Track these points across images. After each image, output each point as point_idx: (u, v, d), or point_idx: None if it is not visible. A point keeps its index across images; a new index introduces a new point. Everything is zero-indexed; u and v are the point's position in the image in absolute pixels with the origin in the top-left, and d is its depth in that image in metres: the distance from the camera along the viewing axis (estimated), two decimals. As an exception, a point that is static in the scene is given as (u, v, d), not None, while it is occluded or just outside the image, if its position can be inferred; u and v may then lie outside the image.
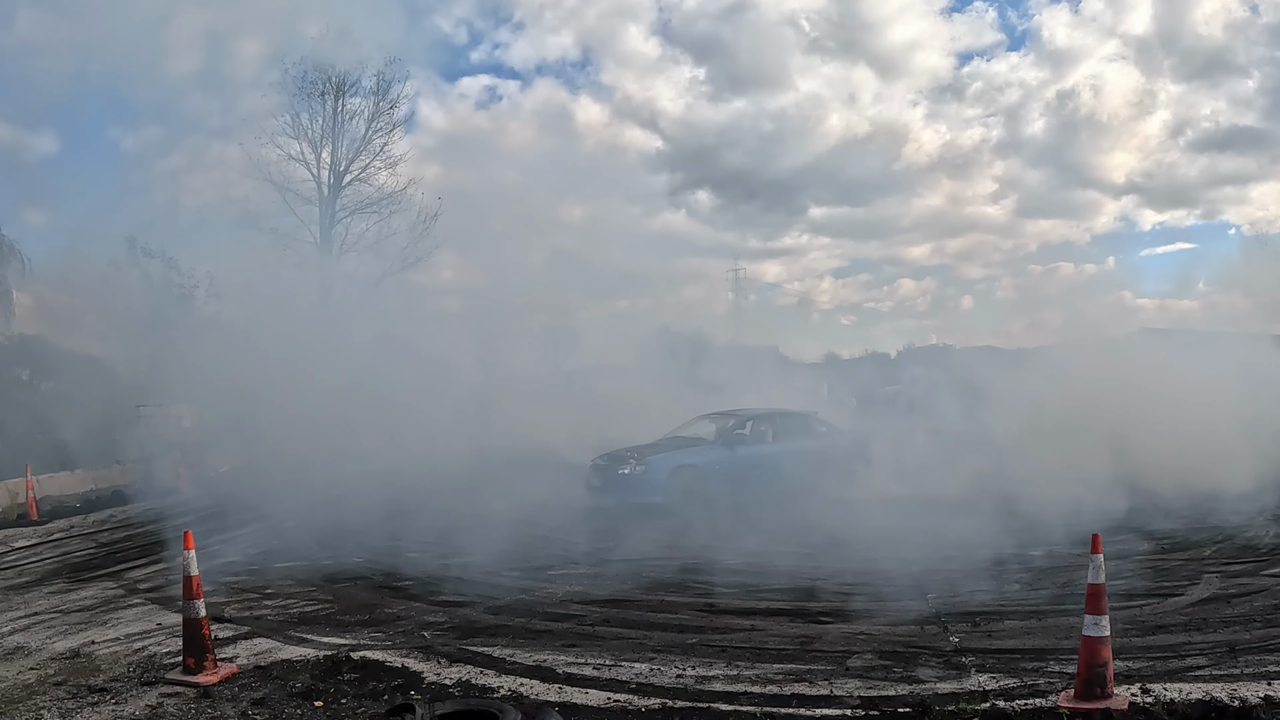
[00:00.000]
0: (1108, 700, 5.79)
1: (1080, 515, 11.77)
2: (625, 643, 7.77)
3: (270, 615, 9.04)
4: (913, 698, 6.24)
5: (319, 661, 7.27)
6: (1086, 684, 5.86)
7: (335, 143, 35.74)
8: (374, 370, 27.82)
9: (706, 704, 6.22)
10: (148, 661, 7.44)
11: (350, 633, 8.27)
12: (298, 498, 17.33)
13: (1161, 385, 17.31)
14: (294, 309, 33.38)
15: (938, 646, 7.46)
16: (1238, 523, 12.59)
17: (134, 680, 6.96)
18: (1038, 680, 6.49)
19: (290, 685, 6.73)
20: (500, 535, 12.58)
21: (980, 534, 11.26)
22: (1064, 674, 6.50)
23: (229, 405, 24.92)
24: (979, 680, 6.56)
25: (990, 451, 16.32)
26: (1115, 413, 16.54)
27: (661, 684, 6.67)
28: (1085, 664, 5.89)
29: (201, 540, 12.86)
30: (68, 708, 6.40)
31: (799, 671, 6.90)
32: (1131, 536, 11.71)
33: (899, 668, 6.93)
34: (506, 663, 7.24)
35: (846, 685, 6.56)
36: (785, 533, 12.83)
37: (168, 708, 6.33)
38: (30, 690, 6.81)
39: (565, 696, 6.42)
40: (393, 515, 15.31)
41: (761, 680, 6.71)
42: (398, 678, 6.85)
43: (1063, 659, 6.85)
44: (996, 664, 6.94)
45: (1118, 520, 12.40)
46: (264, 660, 7.40)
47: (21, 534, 14.77)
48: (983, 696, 6.18)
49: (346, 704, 6.32)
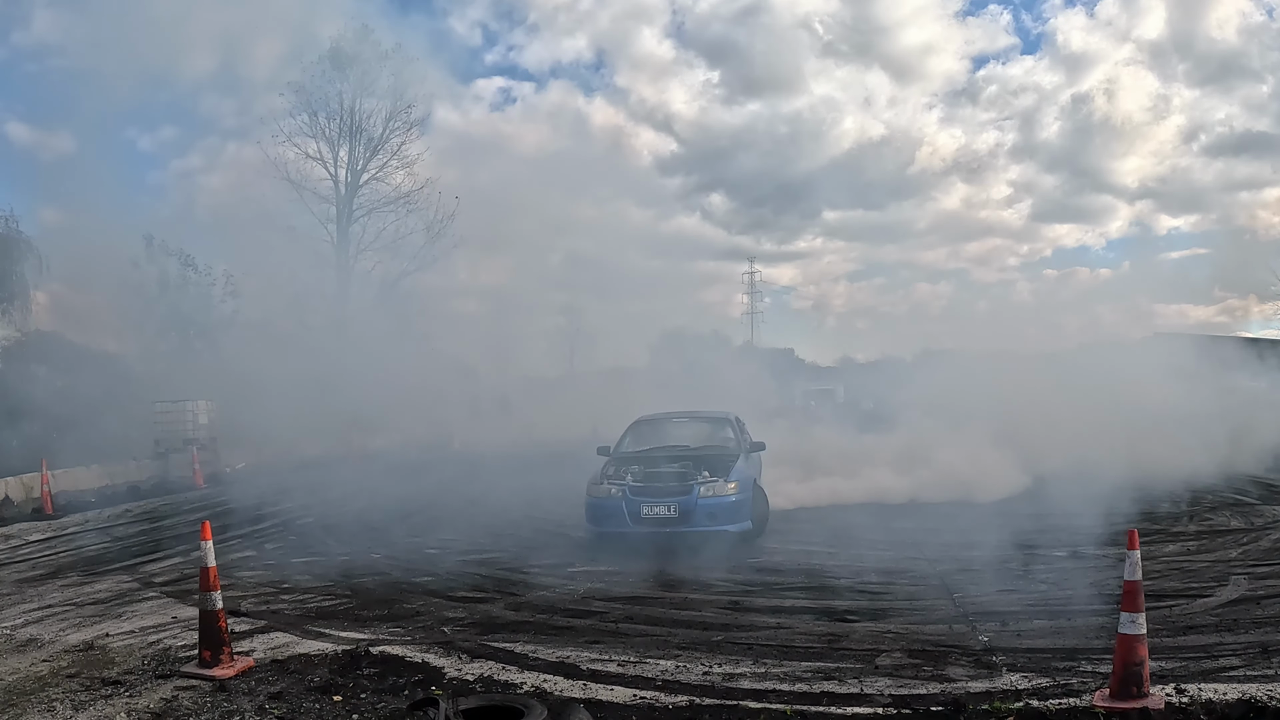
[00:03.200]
0: (1144, 700, 5.63)
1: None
2: (649, 639, 7.63)
3: (287, 609, 8.94)
4: (945, 696, 6.08)
5: (337, 656, 7.15)
6: (1122, 683, 5.70)
7: (352, 142, 35.83)
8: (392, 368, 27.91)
9: (735, 701, 6.08)
10: (162, 654, 7.34)
11: (369, 628, 8.15)
12: (315, 493, 17.33)
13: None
14: (311, 307, 33.49)
15: (967, 645, 7.31)
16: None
17: (148, 673, 6.85)
18: (1070, 679, 6.34)
19: (308, 679, 6.62)
20: (520, 531, 12.49)
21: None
22: (1097, 673, 6.36)
23: (246, 401, 24.99)
24: (1011, 679, 6.42)
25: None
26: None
27: (688, 681, 6.53)
28: (1121, 662, 5.73)
29: (218, 535, 12.85)
30: (81, 700, 6.29)
31: (828, 669, 6.75)
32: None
33: (929, 666, 6.79)
34: (529, 659, 7.11)
35: (877, 684, 6.42)
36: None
37: (183, 701, 6.21)
38: (43, 682, 6.71)
39: (590, 693, 6.29)
40: (412, 511, 15.27)
41: (790, 678, 6.56)
42: (418, 673, 6.73)
43: (1095, 658, 6.73)
44: (1028, 663, 6.80)
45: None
46: (281, 654, 7.28)
47: (36, 528, 14.73)
48: (1016, 696, 6.03)
49: (366, 699, 6.20)
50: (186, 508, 16.91)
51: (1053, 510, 13.72)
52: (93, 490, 19.70)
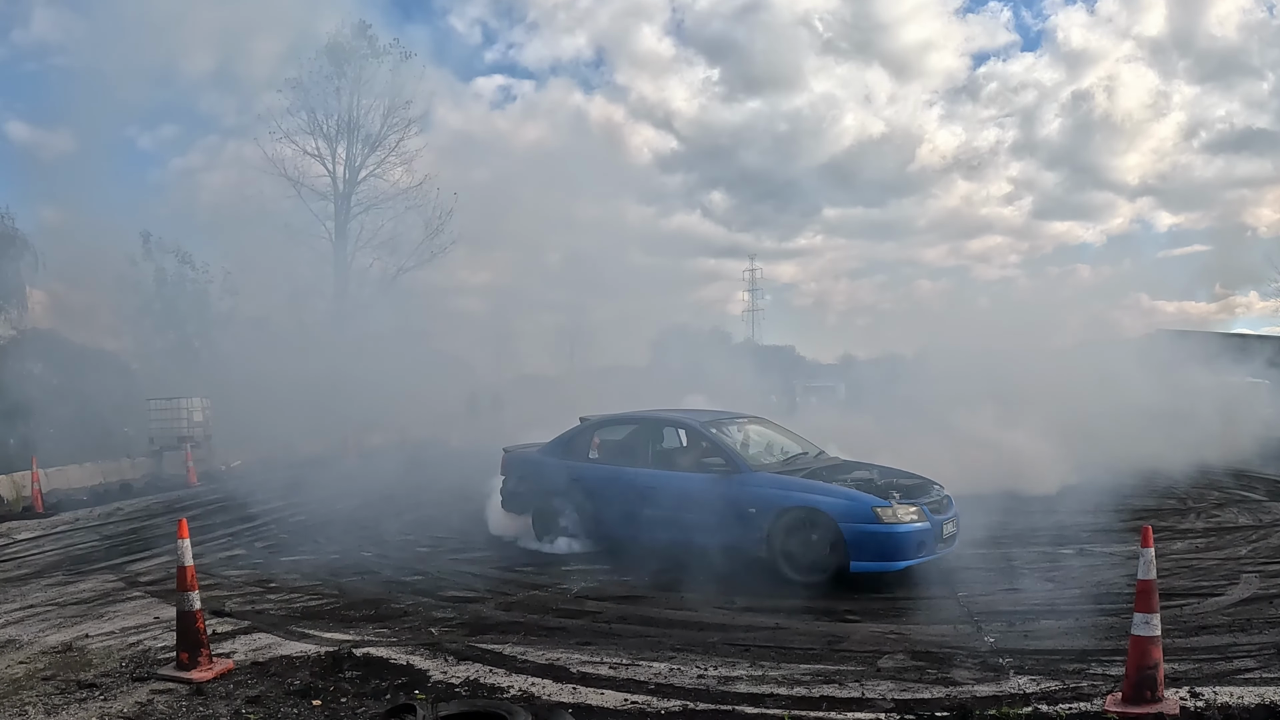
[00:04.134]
0: (1158, 705, 5.42)
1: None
2: (643, 640, 7.42)
3: (273, 610, 8.71)
4: (950, 701, 5.86)
5: (320, 658, 6.94)
6: (1136, 687, 5.48)
7: (350, 139, 35.64)
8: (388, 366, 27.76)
9: (731, 706, 5.85)
10: (141, 656, 7.12)
11: (355, 628, 7.93)
12: (307, 492, 17.13)
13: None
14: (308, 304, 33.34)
15: (972, 647, 7.08)
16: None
17: (125, 676, 6.63)
18: (1080, 683, 6.12)
19: (288, 683, 6.40)
20: (511, 530, 12.26)
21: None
22: (1107, 676, 6.15)
23: (242, 399, 24.83)
24: (1019, 682, 6.19)
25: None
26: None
27: (682, 684, 6.31)
28: (1135, 665, 5.51)
29: (208, 533, 12.80)
30: (54, 704, 6.08)
31: (827, 672, 6.52)
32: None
33: (933, 669, 6.56)
34: (517, 661, 6.89)
35: (879, 687, 6.19)
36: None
37: (158, 705, 6.00)
38: (17, 685, 6.50)
39: (579, 697, 6.06)
40: (403, 510, 15.08)
41: (788, 681, 6.33)
42: (401, 676, 6.52)
43: (1105, 660, 6.52)
44: (1036, 665, 6.57)
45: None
46: (263, 656, 7.07)
47: (25, 526, 14.52)
48: (1024, 700, 5.80)
49: (346, 703, 5.98)
50: (179, 506, 16.68)
51: (1056, 507, 13.55)
52: (85, 488, 19.46)
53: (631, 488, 10.82)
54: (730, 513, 9.88)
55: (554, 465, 11.70)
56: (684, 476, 10.58)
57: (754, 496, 9.85)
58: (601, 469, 11.43)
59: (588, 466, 11.53)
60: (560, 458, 11.78)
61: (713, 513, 9.95)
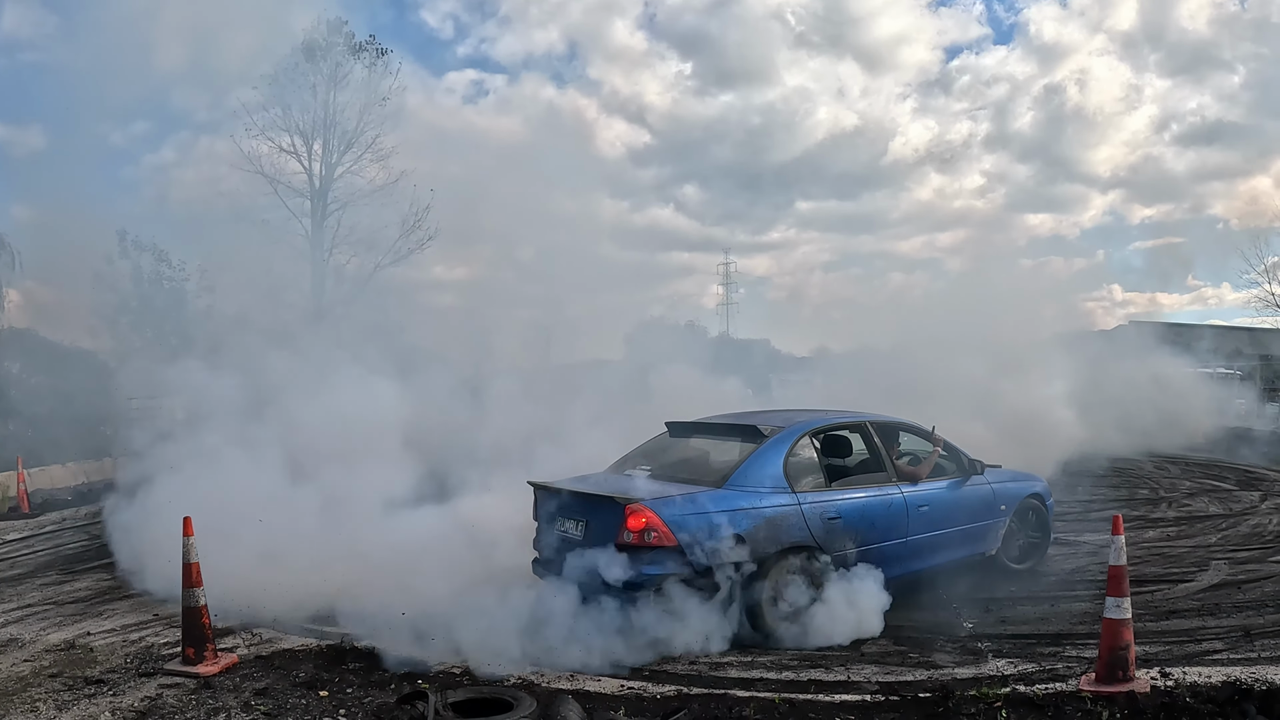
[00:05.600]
0: (1130, 684, 5.66)
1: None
2: (635, 630, 7.61)
3: (272, 604, 8.84)
4: (932, 683, 6.11)
5: (322, 651, 7.11)
6: (1108, 667, 5.74)
7: (326, 135, 35.53)
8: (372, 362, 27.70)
9: (723, 690, 6.09)
10: (145, 652, 7.27)
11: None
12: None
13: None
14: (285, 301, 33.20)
15: (952, 632, 7.35)
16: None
17: (131, 671, 6.78)
18: (1055, 664, 6.39)
19: (294, 675, 6.57)
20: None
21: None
22: (1081, 658, 6.42)
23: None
24: (997, 665, 6.45)
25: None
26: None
27: (675, 671, 6.54)
28: (1107, 647, 5.76)
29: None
30: (64, 700, 6.23)
31: (814, 657, 6.78)
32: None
33: (915, 653, 6.82)
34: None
35: (863, 670, 6.45)
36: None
37: (167, 698, 6.16)
38: (25, 683, 6.63)
39: (577, 684, 6.28)
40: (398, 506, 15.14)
41: (776, 666, 6.58)
42: (404, 666, 6.69)
43: (1079, 643, 6.81)
44: (1013, 649, 6.85)
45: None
46: (265, 650, 7.23)
47: (13, 527, 14.57)
48: (1003, 681, 6.06)
49: (352, 693, 6.17)
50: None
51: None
52: (69, 488, 19.50)
53: (902, 511, 8.44)
54: (989, 515, 9.27)
55: (770, 508, 7.61)
56: (946, 487, 9.03)
57: (1002, 493, 9.44)
58: (854, 496, 8.26)
59: (829, 496, 8.06)
60: (762, 493, 7.68)
61: (978, 519, 9.17)
